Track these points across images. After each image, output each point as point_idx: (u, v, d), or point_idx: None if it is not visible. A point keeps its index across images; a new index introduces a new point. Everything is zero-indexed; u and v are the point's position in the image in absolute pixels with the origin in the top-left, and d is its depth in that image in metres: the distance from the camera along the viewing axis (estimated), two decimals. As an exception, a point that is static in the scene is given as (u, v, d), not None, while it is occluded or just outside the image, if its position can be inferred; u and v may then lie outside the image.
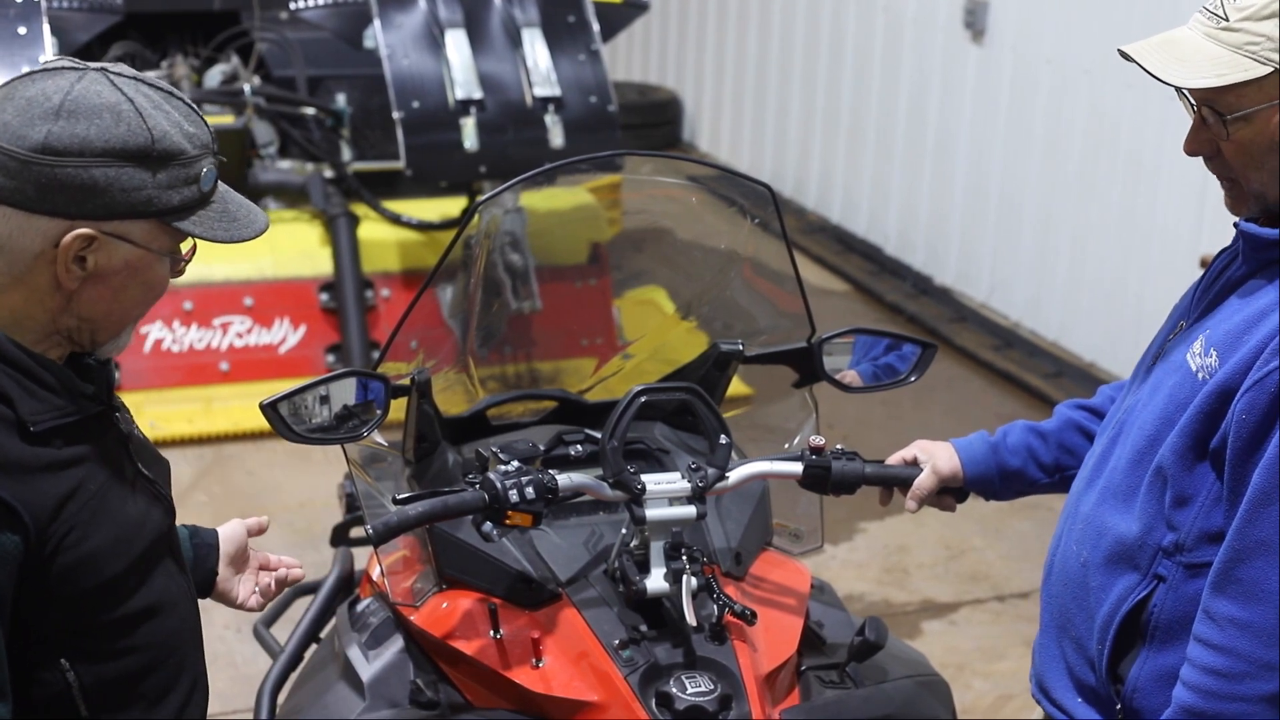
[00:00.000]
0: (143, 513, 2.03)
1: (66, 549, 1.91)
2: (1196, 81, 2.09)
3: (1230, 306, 2.16)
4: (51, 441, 1.91)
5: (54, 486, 1.90)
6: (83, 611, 1.95)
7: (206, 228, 1.95)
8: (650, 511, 2.51)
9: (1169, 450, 2.14)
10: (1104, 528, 2.23)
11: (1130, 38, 2.25)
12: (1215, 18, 2.10)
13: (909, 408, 6.24)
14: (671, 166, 3.58)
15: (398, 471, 2.88)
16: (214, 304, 6.20)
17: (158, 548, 2.05)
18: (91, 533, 1.93)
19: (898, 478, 2.62)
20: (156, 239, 1.94)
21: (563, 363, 5.28)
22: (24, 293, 1.91)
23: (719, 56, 9.43)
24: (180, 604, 2.10)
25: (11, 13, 5.73)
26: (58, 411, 1.93)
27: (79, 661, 1.96)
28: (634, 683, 2.43)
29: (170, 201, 1.90)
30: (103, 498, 1.96)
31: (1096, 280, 6.61)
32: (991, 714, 4.38)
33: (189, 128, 1.92)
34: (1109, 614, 2.21)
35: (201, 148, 1.93)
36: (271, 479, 5.63)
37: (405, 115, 6.03)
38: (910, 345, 2.88)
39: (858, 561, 5.19)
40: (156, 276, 1.98)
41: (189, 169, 1.91)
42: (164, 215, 1.91)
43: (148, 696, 2.05)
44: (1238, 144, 2.12)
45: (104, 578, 1.95)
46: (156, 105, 1.90)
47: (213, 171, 1.95)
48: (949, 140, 7.44)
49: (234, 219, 1.99)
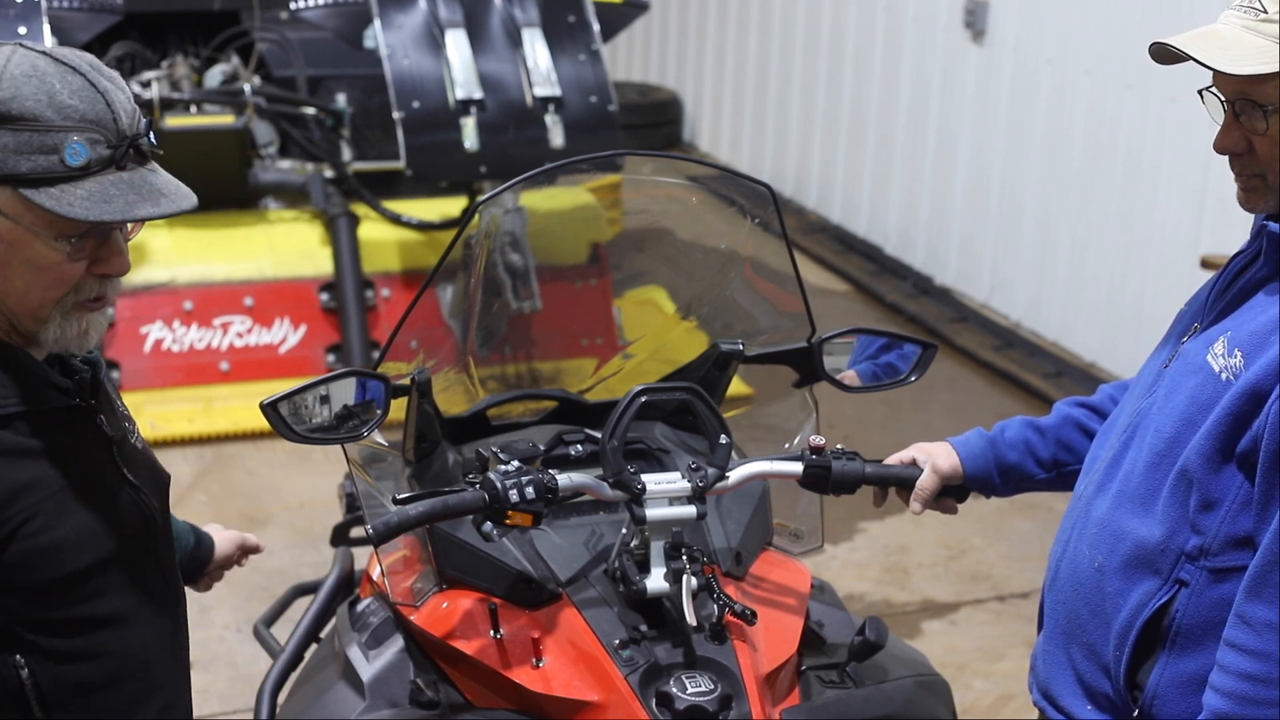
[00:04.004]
0: (118, 516, 2.00)
1: (24, 537, 1.89)
2: (1246, 68, 2.07)
3: (1253, 307, 2.14)
4: (13, 426, 1.91)
5: (11, 472, 1.89)
6: (40, 605, 1.93)
7: (64, 203, 1.84)
8: (650, 511, 2.50)
9: (1194, 453, 2.11)
10: (1121, 532, 2.20)
11: (1130, 38, 2.25)
12: (1253, 10, 2.10)
13: (909, 408, 6.25)
14: (671, 166, 3.58)
15: (398, 471, 2.88)
16: (214, 304, 6.20)
17: (132, 555, 2.02)
18: (54, 524, 1.91)
19: (898, 478, 2.62)
20: (23, 213, 1.86)
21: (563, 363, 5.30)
22: None
23: (719, 56, 9.43)
24: (156, 619, 2.07)
25: (11, 13, 5.73)
26: (18, 400, 1.91)
27: (33, 659, 1.94)
28: (634, 683, 2.42)
29: (18, 167, 1.83)
30: (69, 493, 1.94)
31: (1096, 280, 6.61)
32: (991, 714, 4.38)
33: (66, 100, 1.85)
34: (1128, 620, 2.18)
35: (73, 122, 1.85)
36: (271, 479, 5.63)
37: (405, 115, 6.03)
38: (910, 345, 2.88)
39: (858, 561, 5.19)
40: (41, 257, 1.89)
41: (44, 137, 1.83)
42: (14, 182, 1.84)
43: (111, 709, 2.02)
44: (1270, 140, 2.10)
45: (64, 572, 1.93)
46: (37, 74, 1.85)
47: (83, 149, 1.84)
48: (949, 140, 7.44)
49: (109, 200, 1.85)
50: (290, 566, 4.91)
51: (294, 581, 3.93)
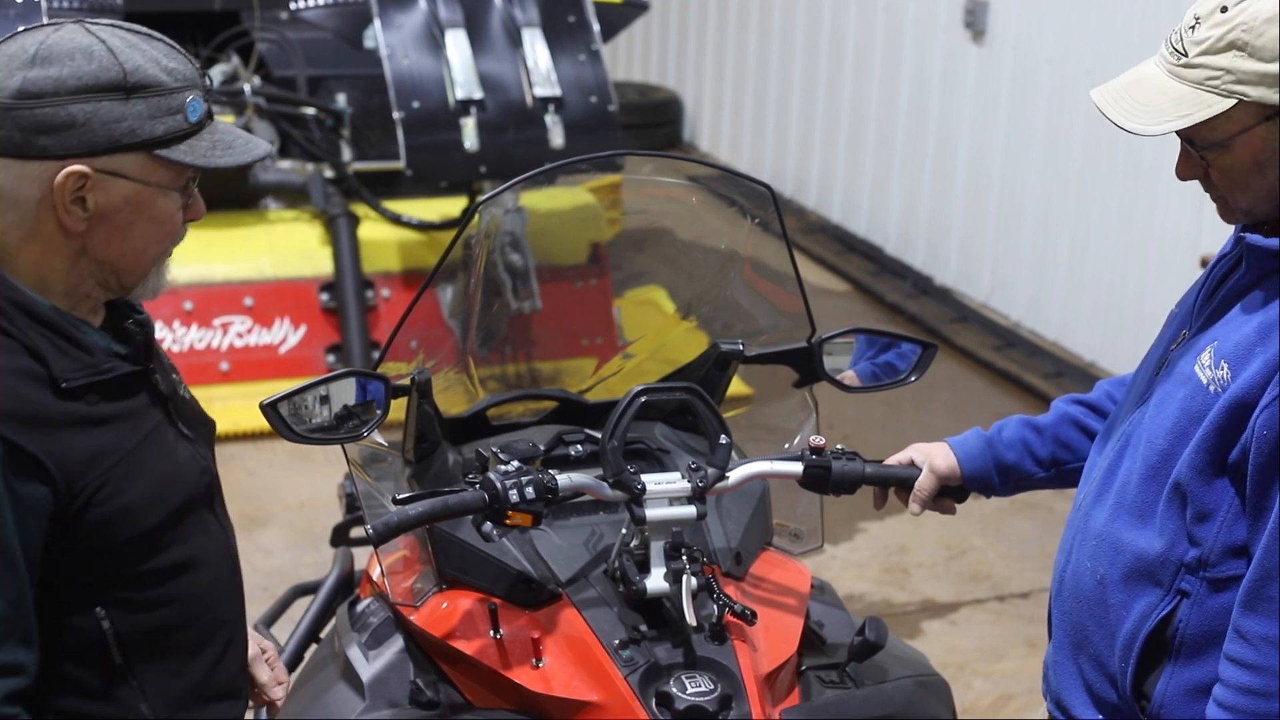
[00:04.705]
0: (179, 470, 2.10)
1: (99, 503, 1.98)
2: (1160, 128, 2.10)
3: (1237, 317, 2.14)
4: (84, 398, 1.99)
5: (85, 442, 1.98)
6: (118, 563, 2.03)
7: (199, 155, 2.00)
8: (650, 511, 2.50)
9: (1186, 466, 2.12)
10: (1120, 544, 2.21)
11: (1130, 38, 2.26)
12: (1176, 53, 2.10)
13: (909, 408, 6.25)
14: (671, 166, 3.58)
15: (398, 471, 2.88)
16: (214, 304, 6.20)
17: (195, 505, 2.13)
18: (126, 487, 2.00)
19: (897, 478, 2.62)
20: (153, 173, 1.99)
21: (563, 363, 5.29)
22: (40, 246, 1.99)
23: (719, 56, 9.43)
24: (218, 561, 2.18)
25: (12, 13, 5.74)
26: (90, 369, 2.00)
27: (114, 611, 2.03)
28: (634, 683, 2.42)
29: (153, 131, 1.97)
30: (138, 454, 2.03)
31: (1096, 280, 6.61)
32: (991, 714, 4.38)
33: (168, 63, 2.00)
34: (1132, 631, 2.19)
35: (183, 81, 2.00)
36: (271, 479, 5.63)
37: (405, 115, 6.03)
38: (910, 345, 2.88)
39: (858, 561, 5.19)
40: (163, 212, 2.02)
41: (169, 99, 1.98)
42: (150, 146, 1.97)
43: (183, 649, 2.13)
44: (1220, 170, 2.13)
45: (138, 531, 2.03)
46: (131, 45, 1.99)
47: (199, 104, 2.00)
48: (949, 140, 7.44)
49: (229, 147, 2.03)
50: (290, 566, 4.91)
51: (294, 581, 3.93)
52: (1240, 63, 2.04)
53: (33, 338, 1.97)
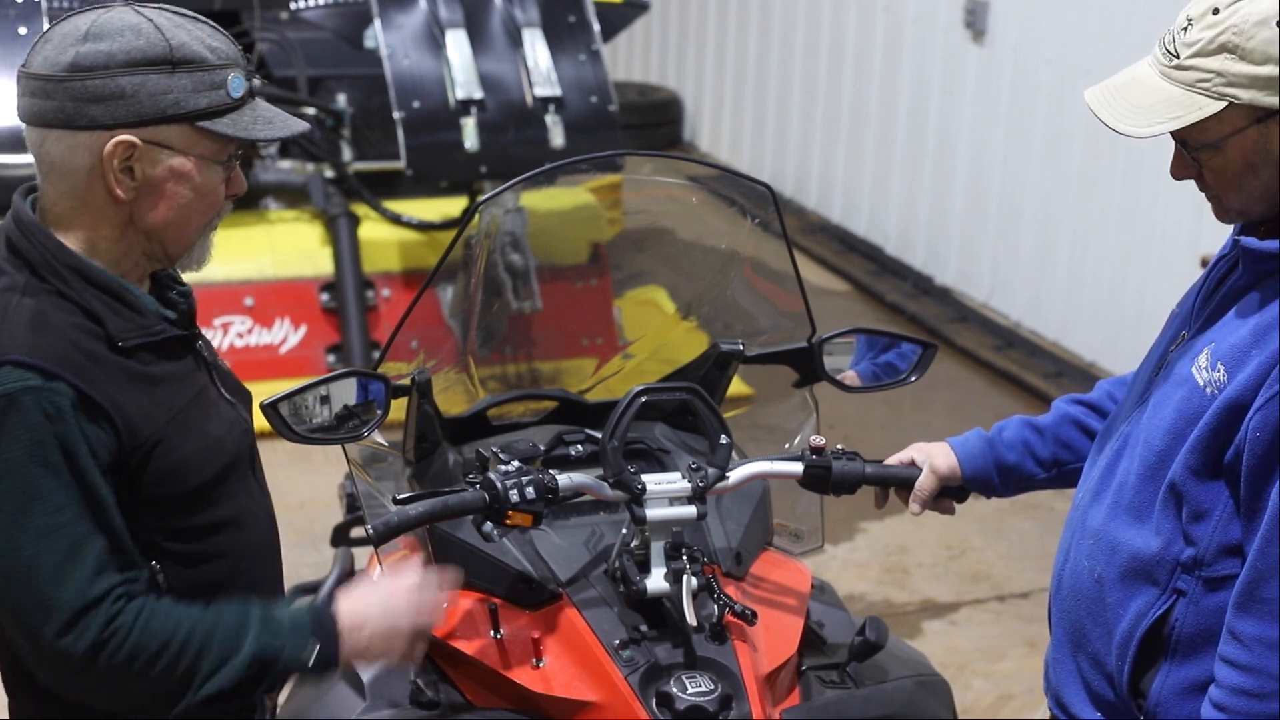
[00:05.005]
0: (224, 431, 2.22)
1: (158, 456, 2.10)
2: (1151, 130, 2.11)
3: (1234, 319, 2.15)
4: (137, 356, 2.10)
5: (141, 398, 2.09)
6: (172, 517, 2.14)
7: (241, 128, 2.10)
8: (650, 511, 2.50)
9: (1181, 467, 2.13)
10: (1117, 543, 2.22)
11: (1131, 38, 2.26)
12: (1168, 54, 2.11)
13: (909, 408, 6.24)
14: (671, 166, 3.58)
15: (398, 471, 2.88)
16: (214, 304, 6.19)
17: (239, 465, 2.25)
18: (180, 444, 2.12)
19: (898, 478, 2.62)
20: (196, 144, 2.09)
21: (563, 363, 5.28)
22: (91, 214, 2.09)
23: (719, 56, 9.43)
24: (260, 519, 2.32)
25: (12, 13, 5.74)
26: (143, 331, 2.12)
27: (168, 564, 2.15)
28: (634, 683, 2.42)
29: (198, 104, 2.07)
30: (189, 412, 2.15)
31: (1097, 280, 6.61)
32: (991, 714, 4.38)
33: (212, 42, 2.09)
34: (1128, 630, 2.20)
35: (226, 59, 2.09)
36: (271, 479, 5.58)
37: (405, 115, 6.03)
38: (910, 345, 2.88)
39: (858, 561, 5.19)
40: (207, 184, 2.12)
41: (213, 75, 2.07)
42: (194, 118, 2.07)
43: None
44: (1213, 171, 2.14)
45: (192, 485, 2.14)
46: (178, 24, 2.08)
47: (241, 81, 2.10)
48: (949, 140, 7.44)
49: (269, 122, 2.13)
50: (290, 566, 4.85)
51: (294, 581, 3.92)
52: (1231, 65, 2.05)
53: (89, 299, 2.07)
